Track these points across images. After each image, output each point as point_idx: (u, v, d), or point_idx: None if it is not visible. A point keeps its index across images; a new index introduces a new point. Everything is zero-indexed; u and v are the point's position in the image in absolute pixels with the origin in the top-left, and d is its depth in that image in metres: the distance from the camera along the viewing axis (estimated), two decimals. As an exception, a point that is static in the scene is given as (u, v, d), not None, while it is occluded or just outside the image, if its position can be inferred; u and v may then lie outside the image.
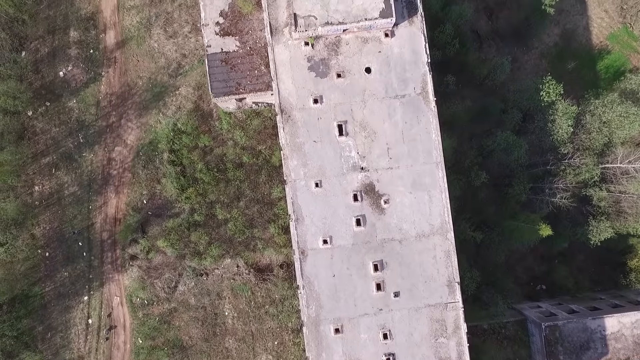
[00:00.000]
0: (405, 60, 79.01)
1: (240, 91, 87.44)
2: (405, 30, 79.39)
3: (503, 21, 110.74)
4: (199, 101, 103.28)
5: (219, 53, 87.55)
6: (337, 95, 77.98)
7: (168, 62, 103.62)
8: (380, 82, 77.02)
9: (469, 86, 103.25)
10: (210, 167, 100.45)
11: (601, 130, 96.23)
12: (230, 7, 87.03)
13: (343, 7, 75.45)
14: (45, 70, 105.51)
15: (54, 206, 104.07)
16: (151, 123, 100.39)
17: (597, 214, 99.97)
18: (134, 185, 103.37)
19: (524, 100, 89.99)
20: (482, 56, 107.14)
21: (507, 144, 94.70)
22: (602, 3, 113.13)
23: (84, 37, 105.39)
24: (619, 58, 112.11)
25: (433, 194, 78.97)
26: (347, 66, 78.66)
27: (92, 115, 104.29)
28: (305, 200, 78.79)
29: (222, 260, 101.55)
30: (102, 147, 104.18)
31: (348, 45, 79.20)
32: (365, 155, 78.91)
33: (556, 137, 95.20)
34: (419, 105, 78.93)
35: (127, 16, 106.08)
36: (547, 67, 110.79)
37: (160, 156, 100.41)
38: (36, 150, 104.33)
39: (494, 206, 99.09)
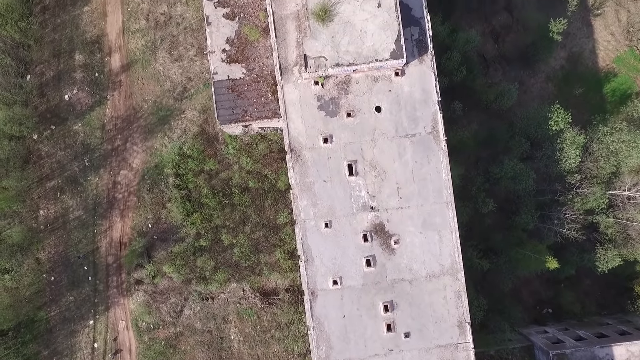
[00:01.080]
0: (415, 99, 78.68)
1: (246, 118, 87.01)
2: (416, 68, 79.05)
3: (509, 45, 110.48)
4: (205, 124, 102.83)
5: (225, 80, 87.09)
6: (347, 135, 77.60)
7: (173, 85, 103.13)
8: (391, 121, 76.58)
9: (476, 109, 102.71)
10: (216, 192, 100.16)
11: (609, 159, 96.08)
12: (236, 35, 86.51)
13: (353, 48, 75.14)
14: (50, 93, 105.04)
15: (59, 230, 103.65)
16: (157, 147, 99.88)
17: (604, 241, 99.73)
18: (140, 209, 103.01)
19: (532, 128, 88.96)
20: (489, 80, 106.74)
21: (514, 172, 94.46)
22: (608, 26, 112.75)
23: (89, 61, 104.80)
24: (626, 81, 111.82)
25: (443, 234, 78.77)
26: (357, 105, 78.16)
27: (97, 138, 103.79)
28: (315, 240, 78.59)
29: (228, 284, 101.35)
30: (108, 171, 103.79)
31: (358, 84, 78.86)
32: (376, 194, 78.71)
33: (564, 166, 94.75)
34: (430, 145, 78.63)
35: (132, 39, 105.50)
36: (553, 90, 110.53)
37: (166, 180, 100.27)
38: (41, 174, 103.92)
39: (501, 234, 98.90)
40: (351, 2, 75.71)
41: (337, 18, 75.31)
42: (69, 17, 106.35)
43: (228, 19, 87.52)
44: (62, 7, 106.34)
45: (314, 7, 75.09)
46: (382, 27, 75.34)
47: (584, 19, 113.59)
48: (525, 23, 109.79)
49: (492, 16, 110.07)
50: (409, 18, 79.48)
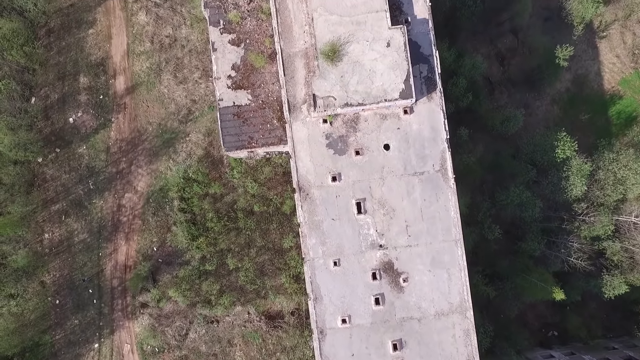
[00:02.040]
0: (424, 137, 78.63)
1: (252, 145, 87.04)
2: (424, 106, 79.04)
3: (515, 67, 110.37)
4: (209, 147, 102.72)
5: (231, 107, 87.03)
6: (355, 173, 77.43)
7: (178, 108, 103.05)
8: (399, 159, 76.49)
9: (481, 131, 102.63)
10: (221, 216, 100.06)
11: (616, 187, 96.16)
12: (242, 61, 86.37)
13: (362, 87, 75.08)
14: (55, 116, 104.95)
15: (63, 253, 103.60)
16: (161, 169, 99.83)
17: (611, 266, 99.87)
18: (144, 232, 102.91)
19: (538, 155, 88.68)
20: (494, 103, 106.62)
21: (520, 199, 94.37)
22: (613, 48, 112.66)
23: (94, 83, 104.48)
24: (631, 103, 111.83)
25: (452, 272, 78.85)
26: (365, 143, 78.15)
27: (102, 161, 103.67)
28: (323, 279, 78.64)
29: (233, 307, 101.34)
30: (112, 194, 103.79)
31: (367, 122, 78.83)
32: (384, 233, 78.71)
33: (570, 194, 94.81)
34: (438, 183, 78.71)
35: (137, 62, 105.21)
36: (559, 113, 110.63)
37: (171, 203, 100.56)
38: (46, 197, 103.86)
39: (506, 260, 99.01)
40: (360, 41, 75.50)
41: (346, 58, 75.19)
42: (73, 40, 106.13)
43: (234, 45, 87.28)
44: (67, 29, 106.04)
45: (323, 47, 74.97)
46: (391, 67, 75.17)
47: (590, 42, 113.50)
48: (530, 46, 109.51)
49: (497, 39, 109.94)
50: (418, 55, 79.38)
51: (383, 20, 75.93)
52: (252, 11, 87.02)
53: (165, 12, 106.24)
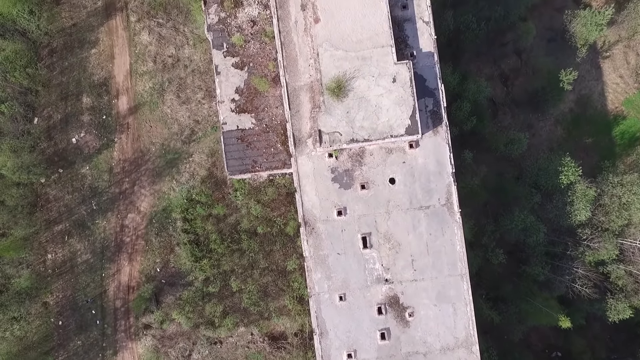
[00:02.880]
0: (429, 171, 78.50)
1: (256, 169, 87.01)
2: (430, 140, 78.97)
3: (518, 88, 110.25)
4: (213, 168, 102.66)
5: (234, 130, 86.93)
6: (361, 207, 77.39)
7: (181, 128, 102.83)
8: (405, 193, 76.52)
9: (485, 152, 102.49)
10: (225, 237, 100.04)
11: (621, 212, 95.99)
12: (245, 84, 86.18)
13: (368, 123, 75.10)
14: (58, 137, 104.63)
15: (66, 274, 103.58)
16: (164, 190, 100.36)
17: (615, 290, 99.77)
18: (148, 253, 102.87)
19: (542, 179, 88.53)
20: (498, 124, 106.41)
21: (525, 224, 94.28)
22: (617, 68, 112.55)
23: (97, 103, 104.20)
24: (635, 124, 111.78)
25: (458, 307, 78.87)
26: (371, 177, 77.81)
27: (105, 182, 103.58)
28: (329, 313, 78.67)
29: (237, 328, 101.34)
30: (115, 214, 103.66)
31: (372, 156, 78.73)
32: (390, 267, 78.72)
33: (575, 220, 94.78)
34: (444, 217, 78.68)
35: (139, 82, 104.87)
36: (562, 133, 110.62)
37: (174, 224, 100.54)
38: (49, 218, 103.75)
39: (511, 283, 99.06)
40: (366, 77, 75.41)
41: (352, 93, 75.19)
42: (76, 60, 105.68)
43: (237, 68, 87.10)
44: (70, 49, 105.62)
45: (328, 82, 74.90)
46: (397, 103, 75.11)
47: (593, 62, 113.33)
48: (534, 66, 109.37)
49: (501, 59, 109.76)
50: (423, 89, 79.23)
51: (389, 55, 75.69)
52: (256, 34, 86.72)
53: (168, 32, 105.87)
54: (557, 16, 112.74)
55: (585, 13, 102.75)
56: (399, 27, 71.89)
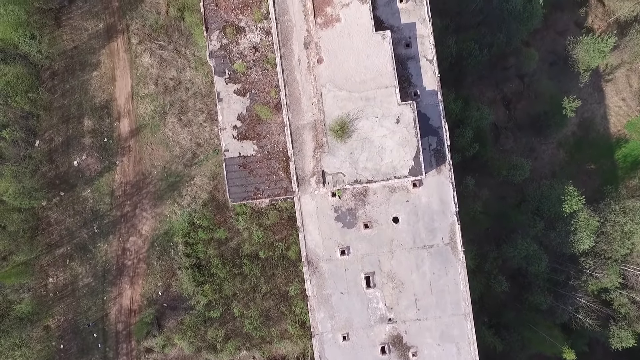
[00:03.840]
0: (433, 210, 78.57)
1: (258, 196, 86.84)
2: (434, 179, 78.87)
3: (521, 112, 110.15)
4: (214, 191, 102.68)
5: (236, 157, 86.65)
6: (364, 246, 77.75)
7: (183, 151, 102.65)
8: (408, 232, 76.75)
9: (486, 175, 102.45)
10: (226, 262, 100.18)
11: (623, 242, 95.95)
12: (248, 111, 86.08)
13: (372, 164, 74.91)
14: (59, 159, 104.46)
15: (68, 298, 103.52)
16: (166, 213, 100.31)
17: (618, 317, 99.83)
18: (149, 276, 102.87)
19: (545, 207, 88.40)
20: (500, 147, 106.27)
21: (527, 253, 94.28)
22: (619, 91, 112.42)
23: (98, 126, 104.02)
24: (637, 147, 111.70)
25: (461, 346, 78.87)
26: (374, 216, 78.19)
27: (106, 205, 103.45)
28: (332, 353, 78.70)
29: (239, 352, 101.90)
30: (117, 238, 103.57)
31: (375, 194, 78.68)
32: (393, 306, 78.68)
33: (577, 249, 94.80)
34: (447, 256, 78.66)
35: (141, 104, 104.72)
36: (564, 157, 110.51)
37: (176, 247, 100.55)
38: (50, 241, 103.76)
39: (513, 311, 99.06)
40: (370, 117, 75.25)
41: (355, 134, 75.05)
42: (77, 83, 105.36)
43: (239, 95, 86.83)
44: (71, 72, 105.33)
45: (332, 123, 74.77)
46: (400, 144, 74.98)
47: (595, 85, 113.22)
48: (536, 90, 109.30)
49: (503, 83, 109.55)
50: (427, 128, 79.17)
51: (392, 96, 75.52)
52: (258, 61, 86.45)
53: (170, 55, 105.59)
54: (559, 40, 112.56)
55: (587, 40, 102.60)
56: (402, 65, 71.42)
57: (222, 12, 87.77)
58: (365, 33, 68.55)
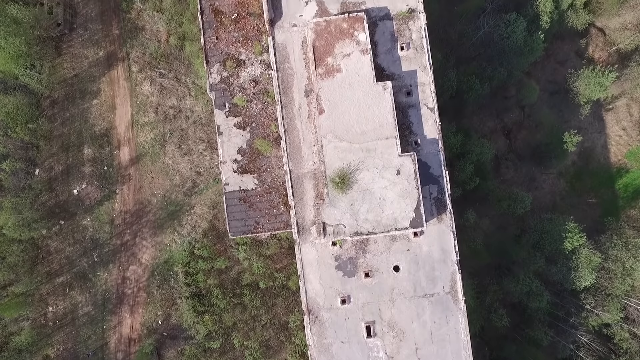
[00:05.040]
0: (434, 259, 78.57)
1: (258, 230, 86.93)
2: (435, 227, 78.86)
3: (521, 141, 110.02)
4: (214, 220, 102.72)
5: (237, 191, 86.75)
6: (365, 295, 78.03)
7: (183, 179, 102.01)
8: (409, 280, 77.20)
9: (487, 205, 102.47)
10: (227, 291, 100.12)
11: (624, 279, 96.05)
12: (248, 145, 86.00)
13: (372, 216, 74.90)
14: (59, 188, 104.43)
15: (68, 326, 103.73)
16: (166, 242, 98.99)
17: (620, 352, 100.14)
18: (149, 305, 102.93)
19: (546, 243, 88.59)
20: (500, 177, 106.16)
21: (530, 289, 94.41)
22: (620, 121, 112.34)
23: (98, 154, 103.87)
24: (638, 176, 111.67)
25: (462, 395, 78.70)
26: (375, 265, 78.29)
27: (106, 233, 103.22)
28: (333, 402, 78.55)
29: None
30: (117, 266, 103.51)
31: (376, 243, 78.66)
32: (394, 355, 78.94)
33: (579, 285, 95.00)
34: (448, 305, 78.72)
35: (141, 132, 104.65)
36: (565, 186, 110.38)
37: (175, 276, 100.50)
38: (50, 270, 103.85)
39: (514, 345, 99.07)
40: (370, 169, 75.06)
41: (356, 185, 74.93)
42: (77, 111, 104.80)
43: (239, 128, 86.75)
44: (71, 100, 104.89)
45: (332, 175, 74.64)
46: (401, 195, 74.90)
47: (596, 114, 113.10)
48: (537, 119, 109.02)
49: (504, 113, 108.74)
50: (428, 176, 79.13)
51: (393, 147, 75.50)
52: (258, 94, 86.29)
53: (170, 83, 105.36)
54: (560, 69, 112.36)
55: (588, 73, 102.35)
56: (403, 113, 71.43)
57: (222, 45, 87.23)
58: (366, 84, 67.99)
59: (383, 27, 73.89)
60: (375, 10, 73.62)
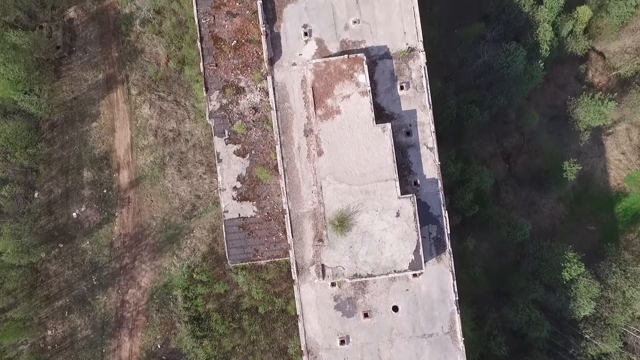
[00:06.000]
0: (433, 299, 78.70)
1: (257, 257, 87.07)
2: (434, 268, 78.96)
3: (520, 166, 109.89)
4: (214, 244, 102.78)
5: (236, 219, 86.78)
6: (364, 335, 78.14)
7: (182, 203, 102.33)
8: (408, 320, 77.48)
9: (486, 230, 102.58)
10: (226, 316, 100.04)
11: (625, 310, 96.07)
12: (247, 172, 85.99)
13: (372, 258, 74.92)
14: (58, 211, 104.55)
15: (67, 350, 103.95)
16: (165, 266, 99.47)
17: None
18: (148, 329, 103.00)
19: (545, 272, 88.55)
20: (500, 202, 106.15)
21: (529, 318, 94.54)
22: (619, 145, 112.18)
23: (97, 177, 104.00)
24: (637, 201, 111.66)
25: None
26: (374, 305, 78.38)
27: (105, 256, 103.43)
28: None
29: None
30: (116, 290, 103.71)
31: (375, 283, 78.84)
32: (393, 395, 78.61)
33: (578, 315, 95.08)
34: (447, 345, 78.96)
35: (140, 155, 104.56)
36: (564, 211, 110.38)
37: (175, 300, 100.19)
38: (49, 294, 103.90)
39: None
40: (370, 211, 75.06)
41: (355, 227, 74.87)
42: (77, 134, 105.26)
43: (239, 155, 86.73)
44: (71, 123, 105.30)
45: (331, 216, 74.66)
46: (400, 238, 74.86)
47: (595, 138, 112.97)
48: (536, 144, 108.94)
49: (503, 137, 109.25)
50: (427, 216, 79.12)
51: (392, 189, 75.50)
52: (257, 122, 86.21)
53: (169, 106, 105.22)
54: (559, 93, 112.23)
55: (588, 101, 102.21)
56: (402, 153, 71.17)
57: (222, 72, 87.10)
58: (366, 126, 67.86)
59: (383, 66, 73.32)
60: (375, 49, 73.08)
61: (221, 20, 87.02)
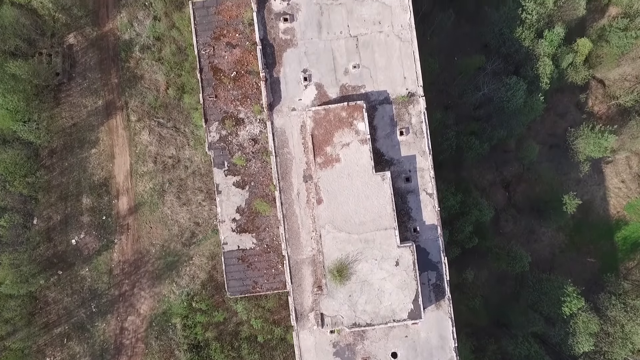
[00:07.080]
0: (432, 345, 78.65)
1: (257, 290, 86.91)
2: (433, 314, 78.87)
3: (520, 195, 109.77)
4: (213, 271, 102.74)
5: (235, 251, 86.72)
6: (363, 381, 77.33)
7: (181, 230, 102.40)
8: (407, 367, 76.23)
9: (484, 257, 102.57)
10: (225, 344, 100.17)
11: (625, 344, 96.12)
12: (247, 204, 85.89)
13: (371, 307, 74.86)
14: (57, 238, 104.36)
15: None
16: (164, 293, 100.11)
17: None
18: (147, 356, 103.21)
19: (544, 305, 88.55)
20: (499, 230, 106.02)
21: (529, 353, 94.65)
22: (619, 173, 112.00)
23: (97, 204, 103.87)
24: (637, 229, 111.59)
25: None
26: (373, 351, 78.39)
27: (104, 283, 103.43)
28: None
29: None
30: (115, 317, 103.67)
31: (374, 330, 78.78)
32: None
33: (577, 351, 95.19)
34: (447, 391, 78.58)
35: (140, 182, 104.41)
36: (564, 239, 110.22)
37: (174, 327, 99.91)
38: (48, 321, 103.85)
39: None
40: (369, 260, 74.95)
41: (354, 276, 74.87)
42: (76, 160, 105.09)
43: (238, 187, 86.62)
44: (70, 150, 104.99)
45: (331, 265, 74.64)
46: (400, 287, 74.87)
47: (595, 166, 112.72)
48: (536, 172, 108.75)
49: (503, 165, 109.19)
50: (426, 262, 79.00)
51: (392, 238, 75.29)
52: (257, 153, 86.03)
53: (169, 132, 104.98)
54: (559, 122, 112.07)
55: (588, 132, 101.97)
56: (402, 199, 71.00)
57: (221, 103, 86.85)
58: (365, 174, 67.67)
59: (382, 111, 73.13)
60: (374, 94, 72.79)
61: (221, 51, 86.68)
